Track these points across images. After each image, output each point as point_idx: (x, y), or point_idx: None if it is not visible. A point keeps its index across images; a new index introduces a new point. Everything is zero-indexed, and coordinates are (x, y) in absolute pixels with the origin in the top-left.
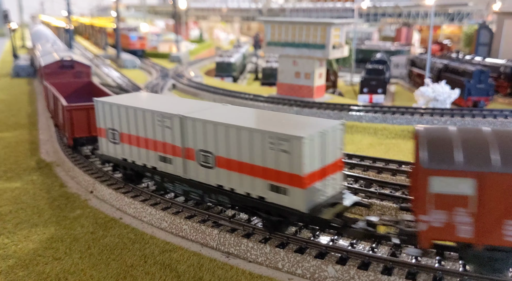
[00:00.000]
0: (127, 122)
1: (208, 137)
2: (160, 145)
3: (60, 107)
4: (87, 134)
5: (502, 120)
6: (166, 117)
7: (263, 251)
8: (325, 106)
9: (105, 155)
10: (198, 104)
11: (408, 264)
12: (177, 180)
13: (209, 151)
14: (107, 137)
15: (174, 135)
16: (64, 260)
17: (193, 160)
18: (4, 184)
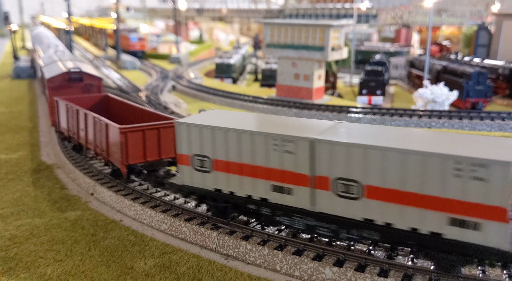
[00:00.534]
0: (225, 147)
1: (353, 164)
2: (276, 173)
3: (103, 129)
4: (143, 160)
5: (499, 122)
6: (288, 141)
7: (261, 253)
8: (324, 108)
9: (188, 185)
10: (311, 123)
11: (405, 266)
12: (299, 213)
13: (354, 179)
14: (192, 165)
15: (299, 161)
16: (65, 262)
17: (326, 190)
18: (6, 186)
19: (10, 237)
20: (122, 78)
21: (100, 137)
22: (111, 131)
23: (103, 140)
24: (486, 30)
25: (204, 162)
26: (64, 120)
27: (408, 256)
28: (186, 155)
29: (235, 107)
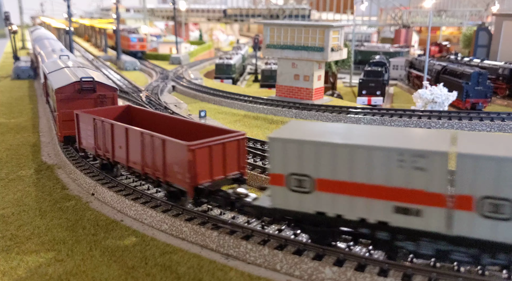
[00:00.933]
0: (332, 164)
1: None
2: (401, 193)
3: (158, 147)
4: (210, 179)
5: (499, 123)
6: (419, 156)
7: (261, 253)
8: (324, 109)
9: (281, 209)
10: (423, 133)
11: (404, 266)
12: (428, 237)
13: (507, 198)
14: (287, 185)
15: (433, 178)
16: (66, 261)
17: (469, 211)
18: (6, 186)
19: (11, 237)
20: (122, 79)
21: (152, 156)
22: (173, 148)
23: (157, 158)
24: (486, 31)
25: (303, 181)
26: (88, 137)
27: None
28: (280, 174)
29: (235, 108)
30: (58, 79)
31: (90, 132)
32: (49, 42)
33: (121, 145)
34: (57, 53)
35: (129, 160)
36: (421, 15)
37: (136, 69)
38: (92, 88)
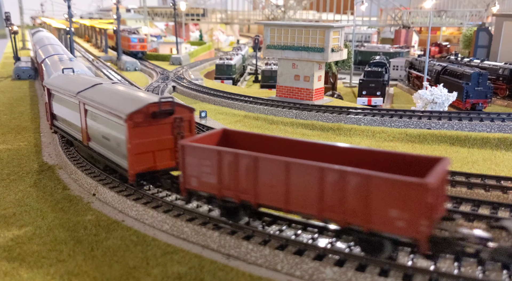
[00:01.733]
0: None
1: None
2: None
3: (359, 185)
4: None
5: (499, 124)
6: None
7: (262, 253)
8: (324, 109)
9: None
10: None
11: (405, 266)
12: None
13: None
14: None
15: None
16: (68, 262)
17: None
18: (8, 186)
19: (13, 237)
20: (123, 80)
21: (341, 197)
22: (392, 187)
23: (352, 201)
24: (486, 31)
25: None
26: (205, 175)
27: (409, 256)
28: None
29: (235, 108)
30: (121, 102)
31: (208, 169)
32: (53, 48)
33: (274, 183)
34: (65, 63)
35: (290, 202)
36: (421, 16)
37: (137, 70)
38: (170, 111)
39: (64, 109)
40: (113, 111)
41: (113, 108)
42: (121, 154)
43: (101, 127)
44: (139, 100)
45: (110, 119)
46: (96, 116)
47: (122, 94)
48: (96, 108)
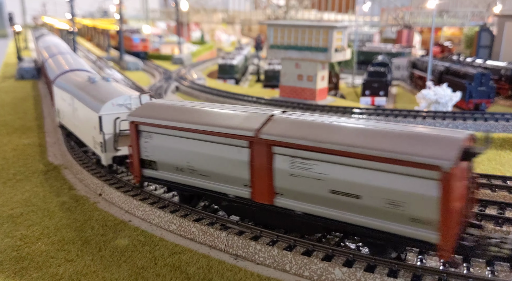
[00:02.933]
0: None
1: None
2: None
3: None
4: None
5: (504, 124)
6: None
7: (270, 254)
8: (328, 109)
9: None
10: None
11: (413, 266)
12: None
13: None
14: None
15: None
16: (77, 262)
17: None
18: (14, 186)
19: (21, 237)
20: (126, 79)
21: None
22: None
23: None
24: (488, 31)
25: None
26: None
27: (417, 256)
28: None
29: None
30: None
31: None
32: (67, 59)
33: None
34: (103, 87)
35: None
36: (423, 16)
37: (139, 69)
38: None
39: (192, 154)
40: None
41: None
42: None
43: (342, 178)
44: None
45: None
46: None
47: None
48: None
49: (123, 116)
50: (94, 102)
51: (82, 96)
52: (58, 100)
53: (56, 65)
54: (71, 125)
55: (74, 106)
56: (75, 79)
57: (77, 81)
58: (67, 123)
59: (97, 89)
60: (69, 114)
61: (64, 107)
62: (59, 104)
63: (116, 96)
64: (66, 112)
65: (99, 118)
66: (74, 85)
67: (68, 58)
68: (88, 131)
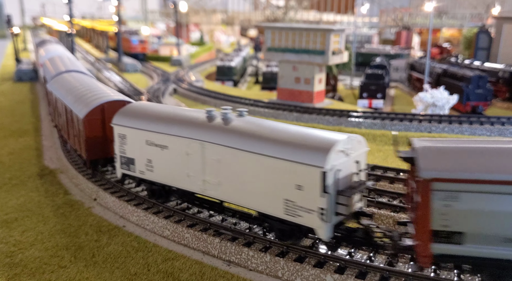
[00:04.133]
0: None
1: None
2: None
3: None
4: None
5: (499, 127)
6: None
7: (263, 260)
8: (325, 112)
9: None
10: None
11: (405, 273)
12: None
13: None
14: None
15: None
16: (70, 268)
17: None
18: (10, 191)
19: (15, 243)
20: (124, 81)
21: None
22: None
23: None
24: (486, 33)
25: None
26: None
27: (409, 263)
28: None
29: None
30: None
31: None
32: (86, 85)
33: None
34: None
35: None
36: (422, 17)
37: (137, 71)
38: None
39: None
40: None
41: None
42: None
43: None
44: None
45: None
46: None
47: None
48: None
49: (343, 167)
50: (302, 150)
51: (259, 144)
52: (144, 147)
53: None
54: (189, 182)
55: (226, 158)
56: (199, 118)
57: (207, 122)
58: (176, 177)
59: (269, 130)
60: (195, 167)
61: (174, 157)
62: (145, 152)
63: (336, 138)
64: (180, 164)
65: (322, 175)
66: (219, 128)
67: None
68: (266, 192)
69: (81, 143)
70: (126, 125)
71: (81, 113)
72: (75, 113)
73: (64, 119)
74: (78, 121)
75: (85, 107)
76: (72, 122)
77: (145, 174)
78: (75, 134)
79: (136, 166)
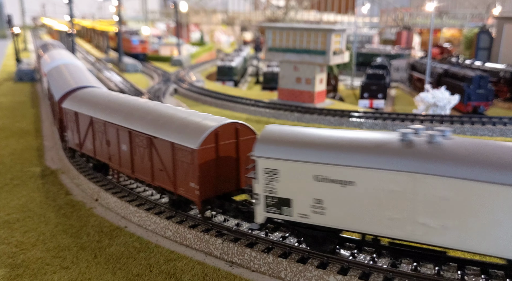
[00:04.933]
0: None
1: None
2: None
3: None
4: None
5: (501, 128)
6: None
7: (266, 261)
8: (326, 112)
9: None
10: None
11: (408, 274)
12: None
13: None
14: None
15: None
16: (72, 269)
17: None
18: (11, 191)
19: (16, 244)
20: (125, 81)
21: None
22: None
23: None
24: (487, 33)
25: None
26: None
27: (412, 264)
28: None
29: (237, 111)
30: None
31: None
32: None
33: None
34: None
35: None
36: (422, 17)
37: (138, 71)
38: None
39: None
40: None
41: None
42: None
43: None
44: None
45: None
46: None
47: None
48: None
49: None
50: None
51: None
52: (310, 185)
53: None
54: (390, 226)
55: (458, 193)
56: (393, 143)
57: (410, 148)
58: (366, 221)
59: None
60: (402, 208)
61: (366, 196)
62: (311, 190)
63: None
64: (376, 203)
65: None
66: None
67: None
68: None
69: (189, 178)
70: (278, 157)
71: (192, 143)
72: (179, 143)
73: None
74: (182, 153)
75: (196, 134)
76: (158, 154)
77: (309, 218)
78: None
79: (293, 208)
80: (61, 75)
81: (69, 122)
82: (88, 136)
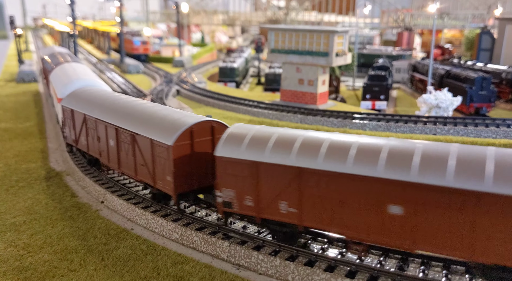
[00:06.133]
0: None
1: None
2: None
3: None
4: None
5: (505, 129)
6: None
7: (273, 264)
8: (329, 114)
9: None
10: None
11: (416, 278)
12: None
13: None
14: None
15: None
16: (80, 271)
17: None
18: (17, 193)
19: (24, 246)
20: (126, 82)
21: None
22: None
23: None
24: (488, 34)
25: None
26: None
27: (419, 267)
28: None
29: (240, 113)
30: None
31: None
32: None
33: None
34: None
35: None
36: (423, 18)
37: (140, 72)
38: None
39: None
40: None
41: None
42: None
43: None
44: None
45: None
46: None
47: None
48: None
49: None
50: None
51: None
52: None
53: None
54: None
55: None
56: None
57: None
58: None
59: None
60: None
61: None
62: None
63: None
64: None
65: None
66: None
67: None
68: None
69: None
70: None
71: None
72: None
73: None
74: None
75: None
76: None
77: None
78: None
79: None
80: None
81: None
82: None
